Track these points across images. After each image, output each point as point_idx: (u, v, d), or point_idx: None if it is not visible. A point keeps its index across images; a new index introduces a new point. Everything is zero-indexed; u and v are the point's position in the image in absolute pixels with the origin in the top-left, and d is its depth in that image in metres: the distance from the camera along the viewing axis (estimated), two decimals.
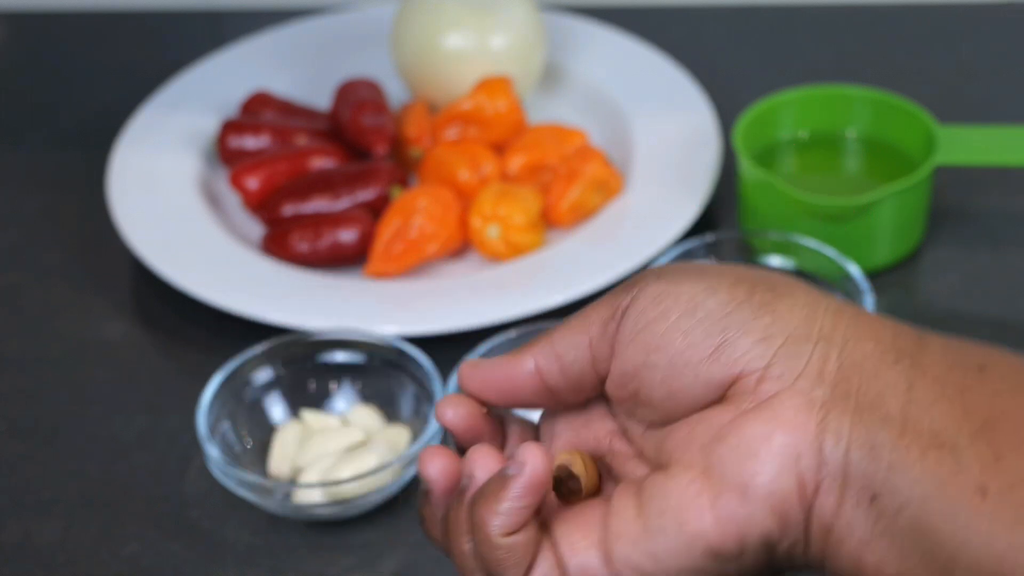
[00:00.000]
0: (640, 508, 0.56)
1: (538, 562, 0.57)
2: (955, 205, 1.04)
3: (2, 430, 0.93)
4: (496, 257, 1.01)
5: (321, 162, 1.06)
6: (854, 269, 0.94)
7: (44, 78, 1.23)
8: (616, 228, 1.01)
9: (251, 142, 1.08)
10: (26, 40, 1.28)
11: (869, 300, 0.92)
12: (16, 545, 0.86)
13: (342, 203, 1.03)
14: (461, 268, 1.02)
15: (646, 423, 0.59)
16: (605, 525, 0.56)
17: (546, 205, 1.03)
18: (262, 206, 1.04)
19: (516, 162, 1.06)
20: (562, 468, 0.59)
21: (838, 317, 0.55)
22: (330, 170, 1.05)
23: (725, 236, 0.98)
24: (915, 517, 0.52)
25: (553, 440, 0.62)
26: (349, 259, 1.01)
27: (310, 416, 0.90)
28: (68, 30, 1.28)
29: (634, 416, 0.59)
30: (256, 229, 1.05)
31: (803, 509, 0.53)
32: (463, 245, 1.03)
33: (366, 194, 1.03)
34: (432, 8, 1.10)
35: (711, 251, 0.96)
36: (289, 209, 1.03)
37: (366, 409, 0.90)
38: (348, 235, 1.01)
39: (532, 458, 0.55)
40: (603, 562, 0.56)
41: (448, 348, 0.93)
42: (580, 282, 0.97)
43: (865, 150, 1.05)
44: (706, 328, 0.55)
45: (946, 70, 1.17)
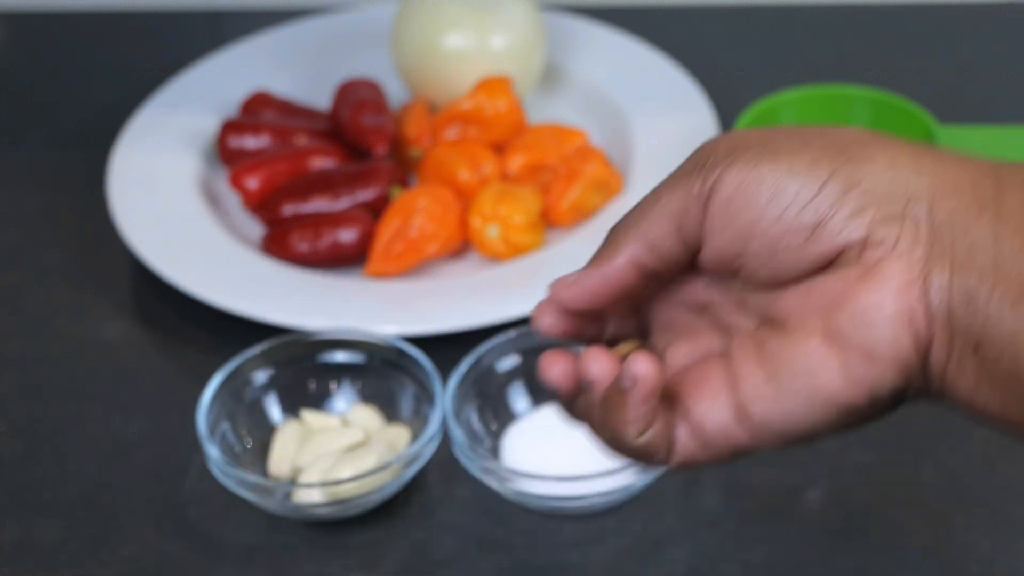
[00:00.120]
0: (770, 372, 0.58)
1: (676, 436, 0.60)
2: None
3: (2, 430, 0.93)
4: (496, 257, 1.01)
5: (321, 162, 1.06)
6: None
7: (44, 78, 1.23)
8: None
9: (251, 142, 1.08)
10: (26, 40, 1.28)
11: None
12: (16, 545, 0.86)
13: (342, 203, 1.03)
14: (461, 268, 1.02)
15: (747, 287, 0.61)
16: (734, 388, 0.59)
17: (546, 205, 1.03)
18: (262, 206, 1.04)
19: (516, 162, 1.06)
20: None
21: (919, 170, 0.58)
22: (330, 170, 1.05)
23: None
24: (1012, 363, 0.55)
25: (650, 309, 0.64)
26: (349, 259, 1.01)
27: (310, 416, 0.90)
28: (68, 30, 1.28)
29: (733, 282, 0.61)
30: (256, 229, 1.05)
31: (920, 362, 0.57)
32: (463, 245, 1.03)
33: (366, 194, 1.03)
34: (432, 8, 1.10)
35: None
36: (289, 209, 1.03)
37: (366, 409, 0.90)
38: (348, 235, 1.01)
39: (643, 371, 0.58)
40: (739, 422, 0.59)
41: (448, 348, 0.93)
42: None
43: None
44: (797, 213, 0.57)
45: (946, 70, 1.17)
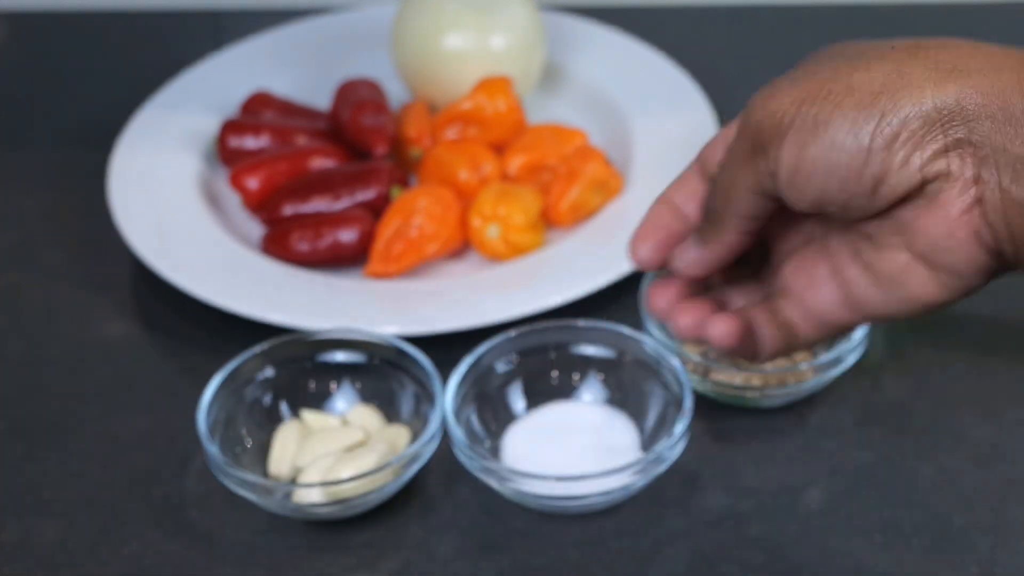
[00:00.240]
0: (873, 280, 0.69)
1: (793, 322, 0.72)
2: None
3: (2, 430, 0.93)
4: (496, 257, 1.01)
5: (321, 162, 1.06)
6: None
7: (44, 78, 1.23)
8: (616, 228, 1.01)
9: (251, 142, 1.08)
10: (26, 40, 1.28)
11: None
12: (16, 545, 0.86)
13: (342, 203, 1.03)
14: (461, 268, 1.02)
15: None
16: (841, 283, 0.71)
17: (546, 205, 1.03)
18: (262, 206, 1.04)
19: (516, 162, 1.06)
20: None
21: (960, 95, 0.65)
22: (330, 170, 1.05)
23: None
24: None
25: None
26: (349, 259, 1.01)
27: (310, 416, 0.90)
28: (68, 30, 1.28)
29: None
30: (256, 229, 1.05)
31: (999, 261, 0.67)
32: (463, 245, 1.03)
33: (366, 194, 1.03)
34: (432, 8, 1.10)
35: None
36: (289, 209, 1.03)
37: (366, 409, 0.90)
38: (348, 235, 1.01)
39: (721, 336, 0.71)
40: (847, 308, 0.71)
41: (448, 348, 0.93)
42: (580, 282, 0.97)
43: None
44: (857, 180, 0.66)
45: None
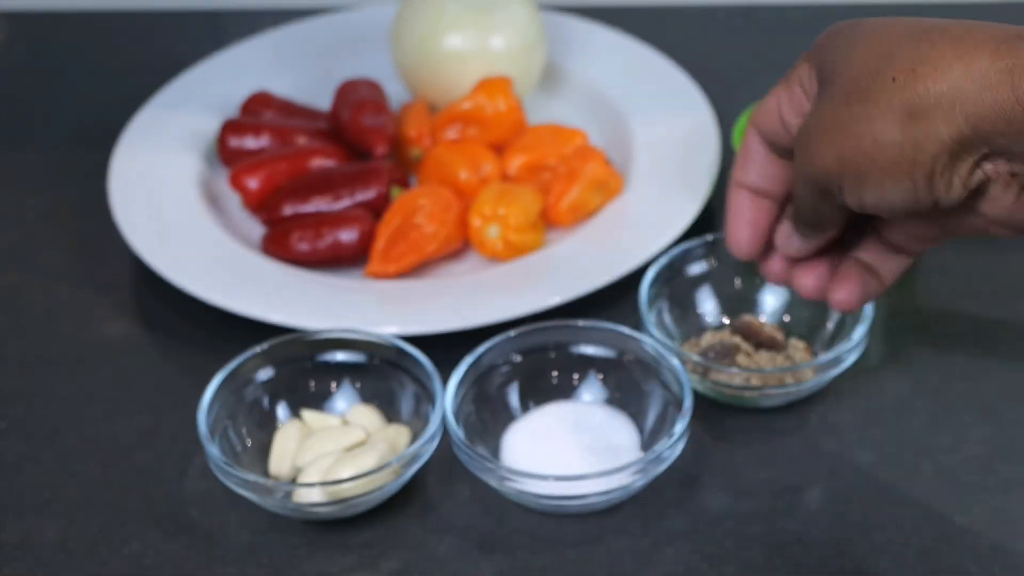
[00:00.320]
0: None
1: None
2: None
3: (2, 430, 0.93)
4: (496, 257, 1.01)
5: (321, 162, 1.06)
6: None
7: (44, 78, 1.23)
8: (616, 228, 1.01)
9: (251, 142, 1.08)
10: (26, 40, 1.28)
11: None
12: (16, 545, 0.86)
13: (342, 203, 1.03)
14: (461, 268, 1.02)
15: None
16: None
17: (546, 205, 1.03)
18: (262, 206, 1.04)
19: (516, 162, 1.06)
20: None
21: (970, 124, 0.69)
22: (330, 170, 1.05)
23: (725, 236, 0.97)
24: None
25: None
26: (349, 259, 1.01)
27: (310, 416, 0.90)
28: (68, 30, 1.28)
29: None
30: (256, 229, 1.05)
31: None
32: (463, 245, 1.03)
33: (366, 194, 1.03)
34: (432, 8, 1.10)
35: (711, 251, 0.95)
36: (289, 209, 1.03)
37: (366, 409, 0.90)
38: (348, 235, 1.01)
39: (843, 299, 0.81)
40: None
41: (448, 348, 0.93)
42: (580, 282, 0.97)
43: None
44: (914, 202, 0.72)
45: None
